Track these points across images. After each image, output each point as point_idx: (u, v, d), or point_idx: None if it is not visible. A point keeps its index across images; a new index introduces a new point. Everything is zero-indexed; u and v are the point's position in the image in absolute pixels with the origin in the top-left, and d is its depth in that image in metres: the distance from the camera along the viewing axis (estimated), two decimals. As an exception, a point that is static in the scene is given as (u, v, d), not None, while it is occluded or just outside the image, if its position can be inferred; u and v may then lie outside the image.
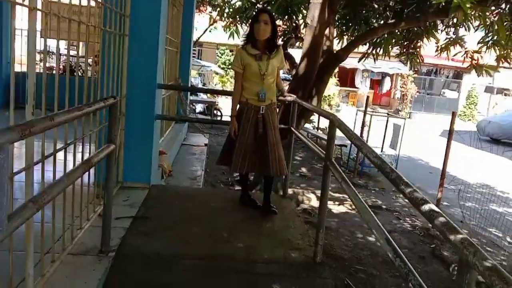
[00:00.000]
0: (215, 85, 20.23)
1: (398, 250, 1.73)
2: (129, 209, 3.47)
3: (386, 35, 6.04)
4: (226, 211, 3.63)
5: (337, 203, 6.22)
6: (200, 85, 16.76)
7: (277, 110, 3.92)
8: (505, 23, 5.74)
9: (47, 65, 10.28)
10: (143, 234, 3.02)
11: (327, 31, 5.26)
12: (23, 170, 1.87)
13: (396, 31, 5.91)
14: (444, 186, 5.88)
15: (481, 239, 5.48)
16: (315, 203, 6.23)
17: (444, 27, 6.50)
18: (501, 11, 5.81)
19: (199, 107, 14.20)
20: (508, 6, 5.40)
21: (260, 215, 3.59)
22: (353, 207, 5.94)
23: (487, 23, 5.72)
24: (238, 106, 3.56)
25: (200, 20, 16.02)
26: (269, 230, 3.32)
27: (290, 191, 5.36)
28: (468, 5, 4.50)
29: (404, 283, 3.78)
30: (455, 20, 6.18)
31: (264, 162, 3.50)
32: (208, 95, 16.21)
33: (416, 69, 24.80)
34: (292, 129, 4.18)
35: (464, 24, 6.42)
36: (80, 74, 7.77)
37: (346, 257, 4.44)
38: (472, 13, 5.22)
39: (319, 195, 6.73)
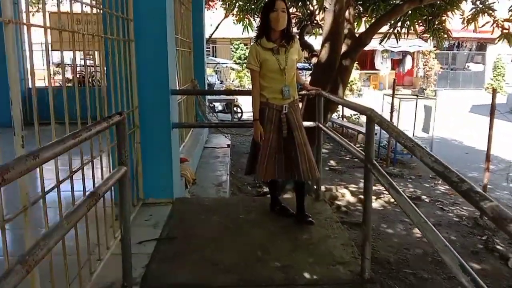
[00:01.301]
0: (232, 81, 19.93)
1: (477, 279, 1.36)
2: (152, 230, 3.18)
3: (410, 12, 5.58)
4: (257, 224, 3.30)
5: (373, 197, 5.81)
6: (217, 83, 16.51)
7: (300, 106, 3.56)
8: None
9: (58, 77, 10.16)
10: (168, 260, 2.73)
11: (347, 14, 4.85)
12: (16, 215, 1.59)
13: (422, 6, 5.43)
14: (490, 170, 5.36)
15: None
16: (349, 198, 5.86)
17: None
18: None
19: (218, 106, 13.95)
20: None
21: (294, 224, 3.26)
22: (392, 200, 5.55)
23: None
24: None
25: (212, 16, 15.70)
26: (307, 243, 2.98)
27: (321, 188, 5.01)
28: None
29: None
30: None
31: (292, 166, 3.16)
32: (227, 92, 15.93)
33: (435, 46, 23.89)
34: (320, 125, 3.82)
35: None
36: (85, 84, 7.57)
37: (392, 260, 4.06)
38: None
39: (352, 190, 6.37)
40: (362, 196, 5.89)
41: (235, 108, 13.45)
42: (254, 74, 3.17)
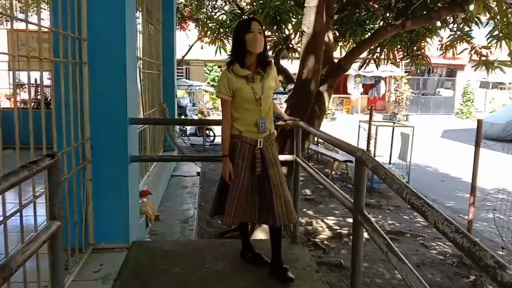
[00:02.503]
0: (206, 103, 19.53)
1: None
2: (101, 285, 2.69)
3: (389, 38, 5.36)
4: (225, 275, 2.85)
5: (350, 230, 5.43)
6: (189, 105, 16.04)
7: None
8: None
9: (19, 98, 9.52)
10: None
11: (325, 38, 4.56)
12: None
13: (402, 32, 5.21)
14: (476, 205, 5.08)
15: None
16: (327, 233, 5.47)
17: (452, 23, 5.84)
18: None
19: (190, 129, 13.49)
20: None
21: (269, 276, 2.83)
22: (369, 236, 5.20)
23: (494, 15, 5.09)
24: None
25: (185, 38, 15.37)
26: (283, 301, 2.55)
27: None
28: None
29: None
30: (462, 15, 5.54)
31: (267, 209, 2.76)
32: (199, 114, 15.50)
33: (407, 71, 24.37)
34: (298, 160, 3.44)
35: (475, 18, 5.79)
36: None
37: (377, 310, 3.68)
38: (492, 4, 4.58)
39: (329, 223, 6.00)
40: (340, 231, 5.53)
41: (207, 131, 13.03)
42: (225, 104, 2.78)
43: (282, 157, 3.40)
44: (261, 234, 4.41)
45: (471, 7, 4.22)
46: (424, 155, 11.75)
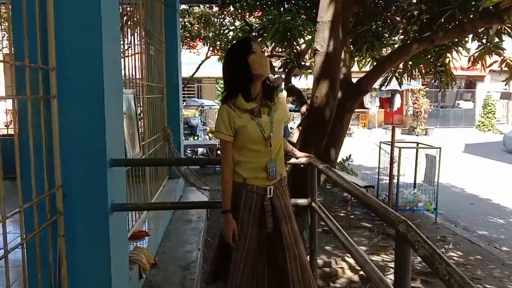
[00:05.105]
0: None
1: None
2: None
3: (413, 53, 4.79)
4: None
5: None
6: (200, 125, 15.60)
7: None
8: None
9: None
10: None
11: (342, 56, 4.01)
12: None
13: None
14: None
15: None
16: (350, 275, 4.83)
17: (484, 34, 5.25)
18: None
19: (200, 152, 13.10)
20: None
21: None
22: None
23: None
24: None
25: (195, 56, 15.06)
26: None
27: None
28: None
29: None
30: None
31: (280, 276, 2.21)
32: (210, 135, 15.04)
33: (424, 84, 23.47)
34: (313, 205, 2.87)
35: (507, 29, 5.19)
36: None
37: None
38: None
39: (351, 261, 5.36)
40: (363, 273, 4.89)
41: (218, 152, 12.55)
42: (226, 146, 2.24)
43: (293, 201, 2.83)
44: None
45: (513, 17, 3.63)
46: (448, 173, 11.00)
